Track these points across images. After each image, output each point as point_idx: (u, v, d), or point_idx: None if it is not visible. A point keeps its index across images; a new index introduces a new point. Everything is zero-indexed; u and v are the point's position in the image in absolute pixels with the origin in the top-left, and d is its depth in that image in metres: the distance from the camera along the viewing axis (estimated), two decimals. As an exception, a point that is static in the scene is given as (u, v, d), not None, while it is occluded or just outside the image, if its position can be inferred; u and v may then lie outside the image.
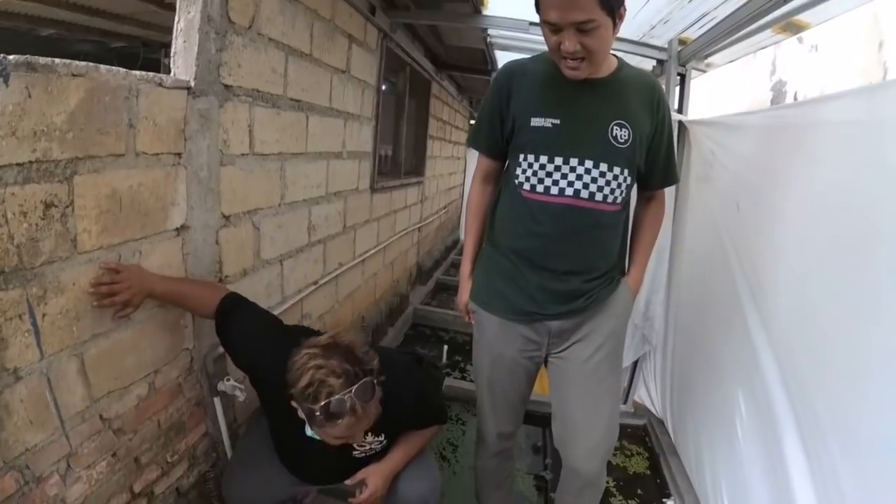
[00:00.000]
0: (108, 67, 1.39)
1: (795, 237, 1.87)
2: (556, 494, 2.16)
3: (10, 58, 1.12)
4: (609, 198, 1.71)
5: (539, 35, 3.19)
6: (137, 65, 1.45)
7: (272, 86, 2.21)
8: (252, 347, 1.77)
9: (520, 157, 1.75)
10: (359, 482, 1.83)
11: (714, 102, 3.98)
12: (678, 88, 3.14)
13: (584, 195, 1.69)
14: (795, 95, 3.62)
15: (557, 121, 1.67)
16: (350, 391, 1.47)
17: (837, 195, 1.65)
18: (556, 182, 1.69)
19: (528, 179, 1.73)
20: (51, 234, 1.29)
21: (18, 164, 1.18)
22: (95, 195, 1.40)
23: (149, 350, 1.72)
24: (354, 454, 1.87)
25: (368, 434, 1.82)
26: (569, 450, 1.96)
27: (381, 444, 1.89)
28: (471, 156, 8.44)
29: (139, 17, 4.19)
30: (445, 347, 4.47)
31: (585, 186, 1.68)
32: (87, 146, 1.35)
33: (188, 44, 1.73)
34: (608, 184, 1.69)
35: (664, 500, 2.81)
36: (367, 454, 1.88)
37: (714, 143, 2.58)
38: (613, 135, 1.67)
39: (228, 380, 2.01)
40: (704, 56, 3.03)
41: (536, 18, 1.54)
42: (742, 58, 3.53)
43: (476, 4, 3.34)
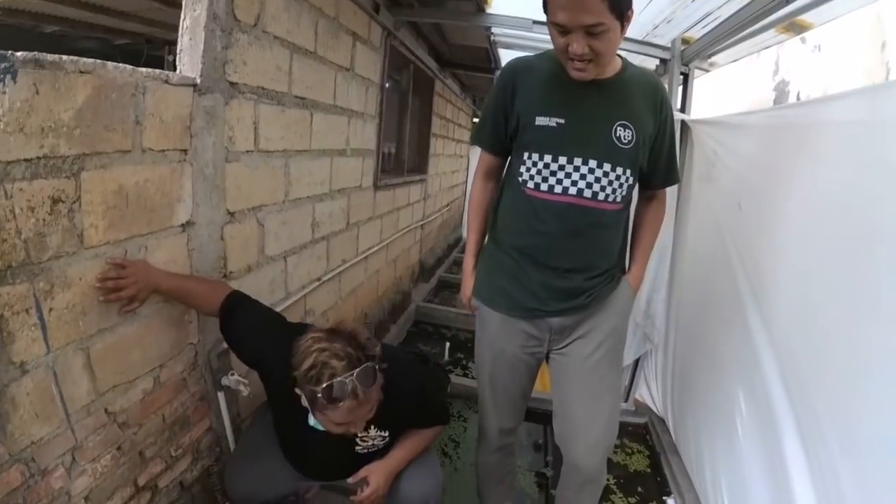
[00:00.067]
0: (115, 64, 1.40)
1: (797, 237, 1.87)
2: (557, 490, 2.17)
3: (19, 54, 1.12)
4: (611, 197, 1.72)
5: (543, 34, 3.21)
6: (141, 62, 1.46)
7: (277, 83, 2.22)
8: (256, 343, 1.78)
9: (524, 156, 1.75)
10: (361, 480, 1.84)
11: (717, 102, 3.98)
12: (681, 88, 3.14)
13: (588, 194, 1.69)
14: (798, 95, 3.63)
15: (562, 120, 1.67)
16: (352, 374, 1.49)
17: (839, 195, 1.65)
18: (560, 181, 1.70)
19: (533, 178, 1.73)
20: (58, 230, 1.30)
21: (26, 160, 1.19)
22: (102, 191, 1.41)
23: (154, 345, 1.73)
24: (357, 449, 1.87)
25: (371, 428, 1.83)
26: (569, 446, 1.97)
27: (384, 441, 1.89)
28: (473, 154, 8.45)
29: (143, 15, 4.20)
30: (447, 345, 4.48)
31: (589, 186, 1.69)
32: (94, 142, 1.36)
33: (194, 41, 1.74)
34: (611, 184, 1.70)
35: (664, 499, 2.81)
36: (370, 450, 1.89)
37: (716, 143, 2.58)
38: (617, 135, 1.67)
39: (232, 374, 2.02)
40: (707, 55, 3.04)
41: (540, 17, 1.55)
42: (745, 57, 3.52)
43: (480, 3, 3.34)
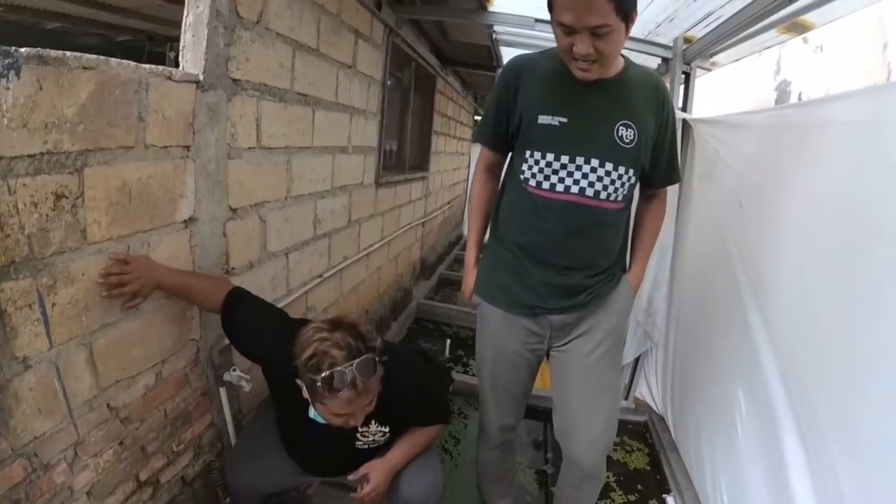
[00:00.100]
0: (119, 61, 1.40)
1: (797, 236, 1.87)
2: (557, 487, 2.18)
3: (22, 50, 1.12)
4: (613, 196, 1.72)
5: (545, 32, 3.22)
6: (143, 58, 1.47)
7: (279, 80, 2.22)
8: (258, 338, 1.79)
9: (526, 154, 1.75)
10: (361, 477, 1.84)
11: (719, 101, 3.98)
12: (683, 87, 3.14)
13: (589, 193, 1.70)
14: (800, 95, 3.63)
15: (565, 119, 1.68)
16: (352, 364, 1.50)
17: (840, 195, 1.65)
18: (562, 179, 1.70)
19: (535, 176, 1.74)
20: (61, 225, 1.30)
21: (30, 156, 1.19)
22: (105, 187, 1.41)
23: (156, 340, 1.73)
24: (358, 445, 1.88)
25: (372, 423, 1.83)
26: (569, 441, 1.98)
27: (385, 437, 1.90)
28: (474, 151, 8.44)
29: (144, 11, 4.20)
30: (448, 342, 4.48)
31: (591, 185, 1.69)
32: (98, 138, 1.36)
33: (197, 38, 1.74)
34: (613, 183, 1.70)
35: (664, 496, 2.82)
36: (370, 446, 1.89)
37: (718, 142, 2.58)
38: (619, 135, 1.68)
39: (234, 370, 2.02)
40: (709, 55, 3.04)
41: (542, 15, 1.55)
42: (747, 57, 3.52)
43: (482, 1, 3.34)
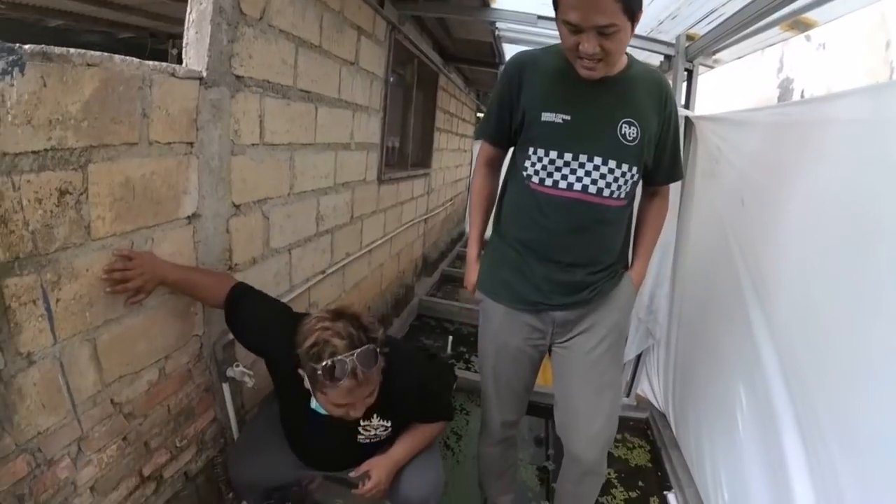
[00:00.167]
0: (122, 57, 1.40)
1: (799, 234, 1.87)
2: (558, 482, 2.19)
3: (26, 47, 1.12)
4: (616, 194, 1.72)
5: (547, 29, 3.22)
6: (145, 55, 1.48)
7: (282, 77, 2.22)
8: (261, 332, 1.79)
9: (529, 150, 1.75)
10: (362, 474, 1.85)
11: (721, 99, 3.97)
12: (685, 84, 3.14)
13: (592, 190, 1.70)
14: (802, 93, 3.62)
15: (568, 117, 1.67)
16: (353, 354, 1.50)
17: (841, 193, 1.65)
18: (565, 177, 1.70)
19: (538, 173, 1.74)
20: (65, 221, 1.30)
21: (34, 152, 1.19)
22: (109, 183, 1.42)
23: (160, 336, 1.74)
24: (359, 439, 1.88)
25: (374, 417, 1.84)
26: (570, 437, 1.98)
27: (386, 432, 1.90)
28: (476, 148, 8.43)
29: (147, 8, 4.19)
30: (450, 338, 4.48)
31: (594, 182, 1.69)
32: (102, 135, 1.37)
33: (200, 35, 1.74)
34: (616, 180, 1.70)
35: (665, 493, 2.82)
36: (372, 441, 1.90)
37: (720, 139, 2.58)
38: (622, 133, 1.68)
39: (237, 366, 2.03)
40: (712, 52, 3.03)
41: (545, 12, 1.55)
42: (750, 55, 3.52)
43: (485, -3, 3.34)
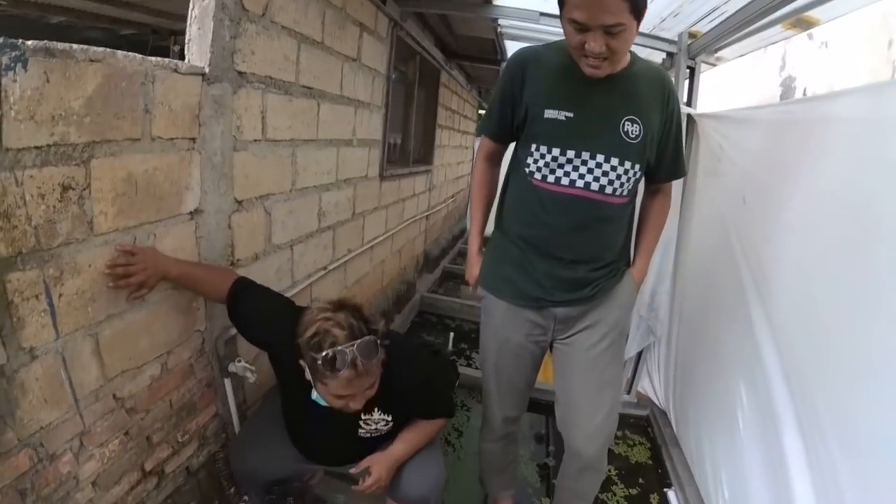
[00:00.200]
0: (125, 53, 1.40)
1: (800, 233, 1.87)
2: (558, 477, 2.20)
3: (29, 43, 1.12)
4: (618, 191, 1.72)
5: (550, 26, 3.22)
6: (147, 52, 1.48)
7: (285, 73, 2.22)
8: (264, 326, 1.80)
9: (531, 147, 1.75)
10: (363, 470, 1.86)
11: (723, 97, 3.97)
12: (687, 82, 3.14)
13: (595, 188, 1.70)
14: (805, 92, 3.61)
15: (571, 114, 1.67)
16: (353, 345, 1.50)
17: (842, 192, 1.65)
18: (568, 174, 1.70)
19: (540, 170, 1.74)
20: (68, 217, 1.31)
21: (37, 148, 1.19)
22: (112, 178, 1.42)
23: (162, 331, 1.74)
24: (360, 433, 1.89)
25: (375, 411, 1.84)
26: (571, 432, 1.99)
27: (387, 427, 1.90)
28: (477, 145, 8.42)
29: (148, 5, 4.18)
30: (452, 335, 4.48)
31: (596, 179, 1.69)
32: (104, 130, 1.37)
33: (202, 31, 1.74)
34: (618, 178, 1.70)
35: (665, 490, 2.82)
36: (373, 435, 1.90)
37: (722, 137, 2.57)
38: (625, 130, 1.67)
39: (239, 361, 2.04)
40: (714, 50, 3.03)
41: (547, 9, 1.54)
42: (752, 53, 3.52)
43: (486, -6, 3.33)
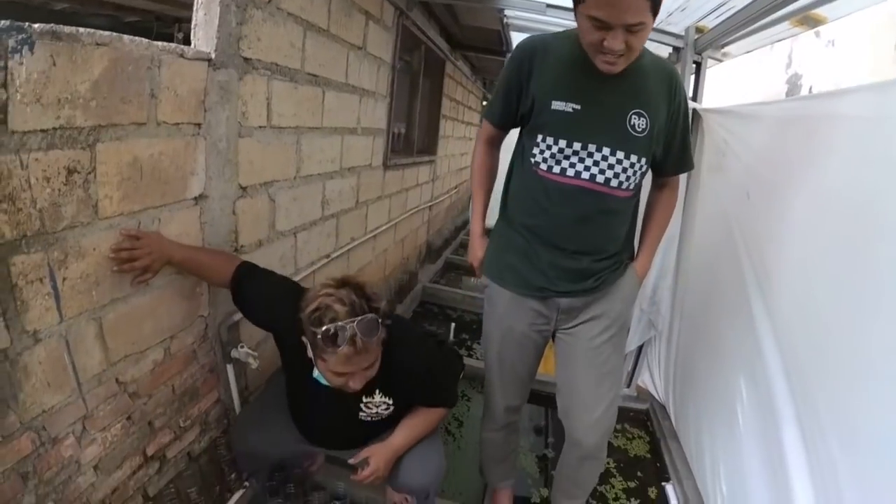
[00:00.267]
0: (132, 38, 1.40)
1: (804, 229, 1.86)
2: (558, 465, 2.22)
3: (36, 26, 1.12)
4: (624, 185, 1.72)
5: (556, 17, 3.21)
6: (151, 39, 1.49)
7: (290, 60, 2.21)
8: (269, 308, 1.80)
9: (537, 138, 1.74)
10: (362, 460, 1.87)
11: (729, 92, 3.96)
12: (693, 77, 3.13)
13: (600, 180, 1.70)
14: (810, 89, 3.61)
15: (578, 106, 1.67)
16: (353, 321, 1.50)
17: (845, 190, 1.64)
18: (573, 165, 1.70)
19: (546, 160, 1.73)
20: (73, 200, 1.31)
21: (42, 131, 1.19)
22: (117, 162, 1.42)
23: (165, 316, 1.75)
24: (361, 416, 1.89)
25: (376, 393, 1.84)
26: (572, 421, 2.01)
27: (388, 411, 1.90)
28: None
29: (153, -8, 4.19)
30: (453, 325, 4.49)
31: (601, 172, 1.69)
32: (110, 114, 1.37)
33: (209, 16, 1.73)
34: (624, 171, 1.70)
35: (663, 484, 2.83)
36: (374, 419, 1.91)
37: (727, 132, 2.56)
38: (631, 123, 1.67)
39: (242, 347, 2.04)
40: (721, 45, 3.01)
41: (554, 0, 1.52)
42: (758, 49, 3.50)
43: (493, -15, 3.32)
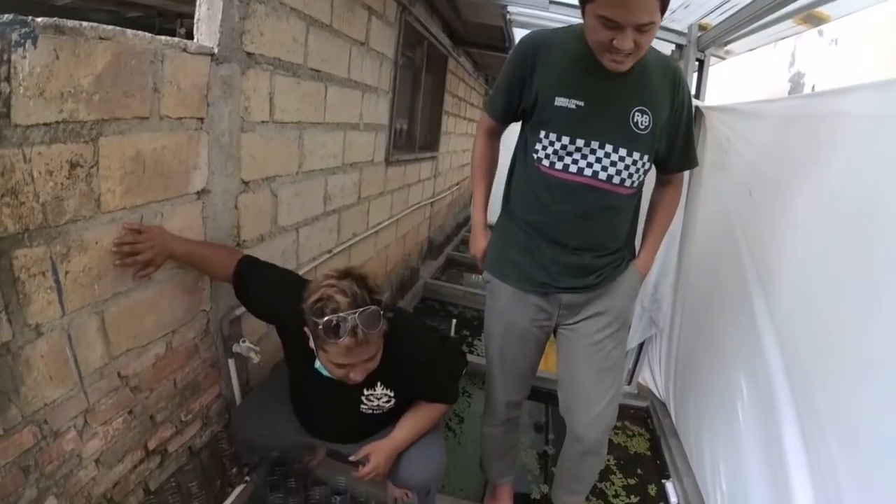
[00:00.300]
0: (135, 32, 1.40)
1: (805, 228, 1.86)
2: (559, 460, 2.23)
3: (39, 20, 1.12)
4: (626, 182, 1.72)
5: (559, 14, 3.20)
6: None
7: (293, 55, 2.21)
8: (272, 300, 1.80)
9: (540, 134, 1.74)
10: (363, 457, 1.87)
11: (732, 90, 3.95)
12: (696, 74, 3.12)
13: (603, 177, 1.70)
14: (813, 88, 3.60)
15: (581, 103, 1.66)
16: (355, 312, 1.50)
17: (848, 188, 1.64)
18: (576, 161, 1.70)
19: (548, 156, 1.73)
20: (75, 194, 1.31)
21: (45, 124, 1.19)
22: (120, 156, 1.42)
23: (167, 310, 1.75)
24: (363, 409, 1.89)
25: (377, 385, 1.84)
26: (573, 416, 2.01)
27: (390, 404, 1.89)
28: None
29: (154, -12, 4.17)
30: (454, 322, 4.51)
31: (604, 169, 1.69)
32: (113, 108, 1.37)
33: (212, 11, 1.73)
34: (626, 168, 1.70)
35: (663, 482, 2.83)
36: (375, 412, 1.90)
37: (730, 130, 2.56)
38: (634, 121, 1.67)
39: (244, 342, 2.05)
40: (724, 43, 3.00)
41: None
42: (762, 47, 3.49)
43: (496, -20, 3.31)
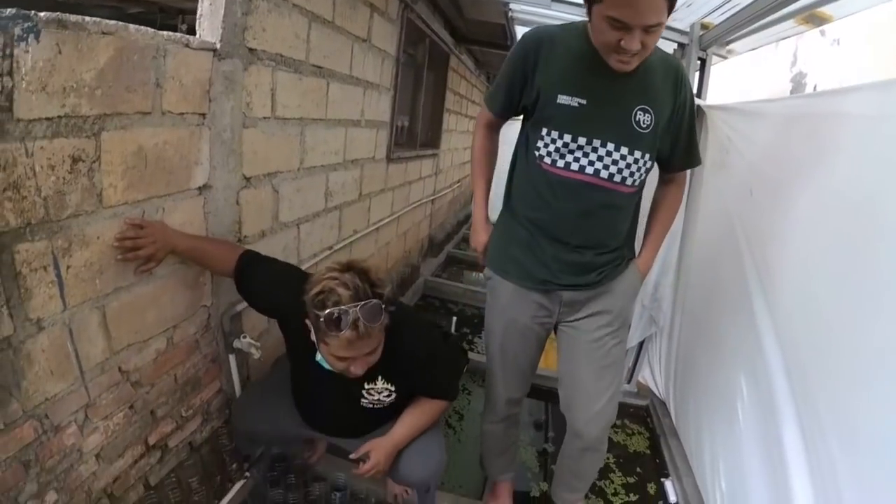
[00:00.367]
0: (137, 27, 1.40)
1: (806, 227, 1.85)
2: (559, 457, 2.24)
3: (42, 14, 1.12)
4: (628, 180, 1.72)
5: (561, 12, 3.19)
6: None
7: (295, 51, 2.21)
8: (273, 293, 1.80)
9: (542, 131, 1.74)
10: (363, 455, 1.87)
11: (733, 90, 3.94)
12: (698, 73, 3.12)
13: (604, 175, 1.70)
14: (815, 88, 3.60)
15: (584, 101, 1.66)
16: (356, 306, 1.49)
17: (848, 188, 1.64)
18: (578, 159, 1.70)
19: (550, 154, 1.73)
20: (77, 188, 1.31)
21: (48, 119, 1.19)
22: (122, 151, 1.42)
23: (169, 305, 1.75)
24: (363, 403, 1.89)
25: (378, 379, 1.84)
26: (573, 413, 2.02)
27: (390, 398, 1.89)
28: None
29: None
30: (454, 319, 4.51)
31: (606, 167, 1.69)
32: (115, 103, 1.37)
33: (214, 6, 1.73)
34: (628, 167, 1.70)
35: (662, 480, 2.84)
36: (376, 406, 1.90)
37: (731, 129, 2.55)
38: (637, 119, 1.67)
39: (244, 337, 2.05)
40: (726, 42, 3.00)
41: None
42: (763, 47, 3.49)
43: (498, -22, 3.31)
